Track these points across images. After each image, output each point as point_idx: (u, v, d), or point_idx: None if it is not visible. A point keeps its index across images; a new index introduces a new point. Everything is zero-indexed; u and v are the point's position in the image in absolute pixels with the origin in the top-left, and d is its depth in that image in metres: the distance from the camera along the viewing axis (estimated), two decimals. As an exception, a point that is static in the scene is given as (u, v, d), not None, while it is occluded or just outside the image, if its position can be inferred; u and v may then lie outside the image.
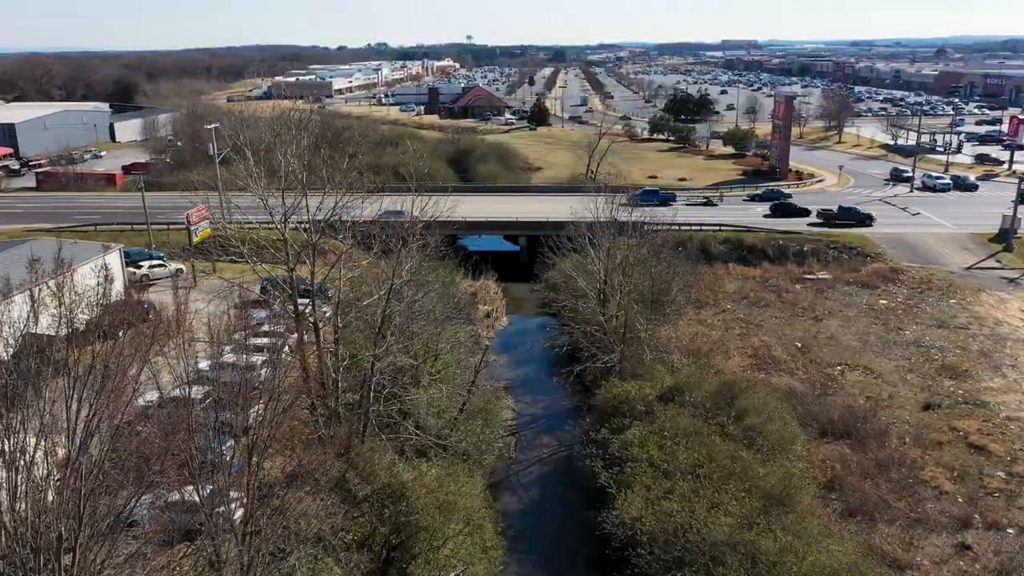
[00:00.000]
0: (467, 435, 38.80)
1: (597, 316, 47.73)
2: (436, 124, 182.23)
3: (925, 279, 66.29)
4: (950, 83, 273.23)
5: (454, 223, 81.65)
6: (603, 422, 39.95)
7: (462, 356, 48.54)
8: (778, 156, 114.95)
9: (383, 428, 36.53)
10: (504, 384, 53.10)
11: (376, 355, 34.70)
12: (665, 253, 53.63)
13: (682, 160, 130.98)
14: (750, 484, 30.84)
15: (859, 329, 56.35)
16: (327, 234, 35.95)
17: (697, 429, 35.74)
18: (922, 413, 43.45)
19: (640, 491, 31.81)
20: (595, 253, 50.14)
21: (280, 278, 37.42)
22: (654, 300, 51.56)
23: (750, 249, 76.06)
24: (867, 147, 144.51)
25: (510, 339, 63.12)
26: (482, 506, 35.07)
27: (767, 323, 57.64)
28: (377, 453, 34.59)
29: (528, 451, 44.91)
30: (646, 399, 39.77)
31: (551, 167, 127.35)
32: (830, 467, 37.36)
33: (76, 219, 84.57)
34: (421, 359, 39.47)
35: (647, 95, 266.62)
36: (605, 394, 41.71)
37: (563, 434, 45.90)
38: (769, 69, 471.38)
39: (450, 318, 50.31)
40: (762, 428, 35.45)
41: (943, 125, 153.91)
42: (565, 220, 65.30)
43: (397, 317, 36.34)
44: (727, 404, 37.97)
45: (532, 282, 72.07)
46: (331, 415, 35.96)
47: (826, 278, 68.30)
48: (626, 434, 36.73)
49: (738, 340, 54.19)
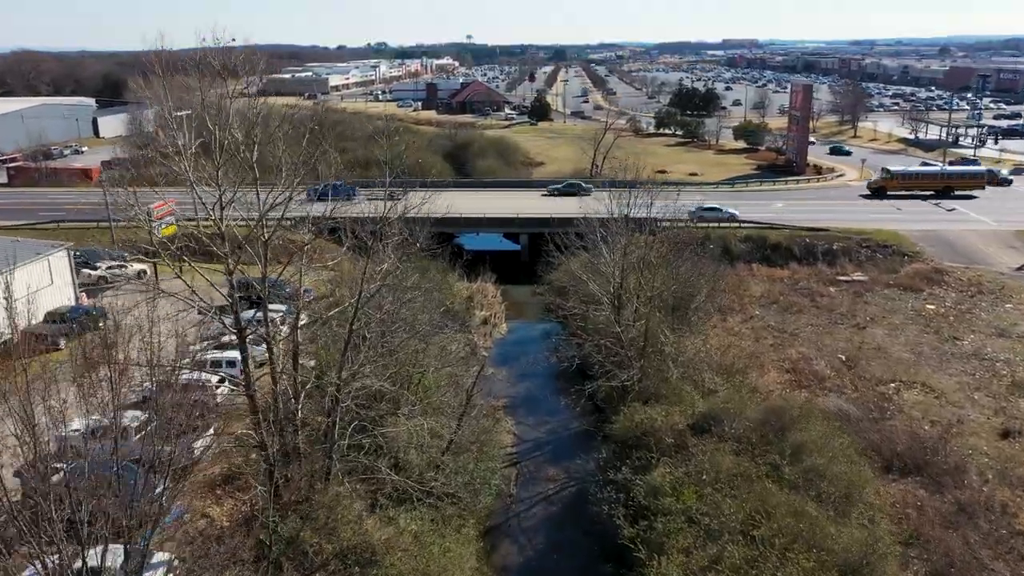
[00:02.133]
0: (457, 474, 31.83)
1: (612, 326, 40.71)
2: (433, 120, 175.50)
3: (973, 281, 59.30)
4: (962, 78, 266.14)
5: (449, 220, 75.74)
6: (623, 456, 32.96)
7: (455, 370, 41.66)
8: (795, 150, 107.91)
9: (351, 470, 29.55)
10: (503, 403, 46.16)
11: (342, 379, 27.76)
12: (689, 252, 46.47)
13: (691, 155, 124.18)
14: (821, 551, 23.77)
15: (909, 338, 49.34)
16: (285, 228, 29.00)
17: (744, 471, 28.67)
18: (1001, 442, 36.45)
19: (677, 558, 24.76)
20: (608, 252, 43.13)
21: (256, 279, 30.61)
22: (676, 306, 44.56)
23: (774, 248, 69.14)
24: (885, 141, 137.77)
25: (510, 349, 56.13)
26: (475, 568, 28.08)
27: (803, 332, 50.61)
28: (343, 502, 27.65)
29: (531, 486, 37.90)
30: (675, 428, 32.73)
31: (553, 162, 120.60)
32: (903, 514, 30.36)
33: (42, 216, 77.96)
34: (401, 382, 32.48)
35: (650, 91, 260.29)
36: (625, 421, 34.58)
37: (573, 465, 38.94)
38: (772, 66, 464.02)
39: (440, 328, 43.40)
40: (826, 470, 28.35)
41: (958, 120, 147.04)
42: (572, 216, 58.48)
43: (371, 330, 29.36)
44: (777, 437, 30.88)
45: (534, 284, 65.21)
46: (288, 453, 29.02)
47: (863, 280, 61.29)
48: (653, 475, 29.68)
49: (772, 352, 47.16)
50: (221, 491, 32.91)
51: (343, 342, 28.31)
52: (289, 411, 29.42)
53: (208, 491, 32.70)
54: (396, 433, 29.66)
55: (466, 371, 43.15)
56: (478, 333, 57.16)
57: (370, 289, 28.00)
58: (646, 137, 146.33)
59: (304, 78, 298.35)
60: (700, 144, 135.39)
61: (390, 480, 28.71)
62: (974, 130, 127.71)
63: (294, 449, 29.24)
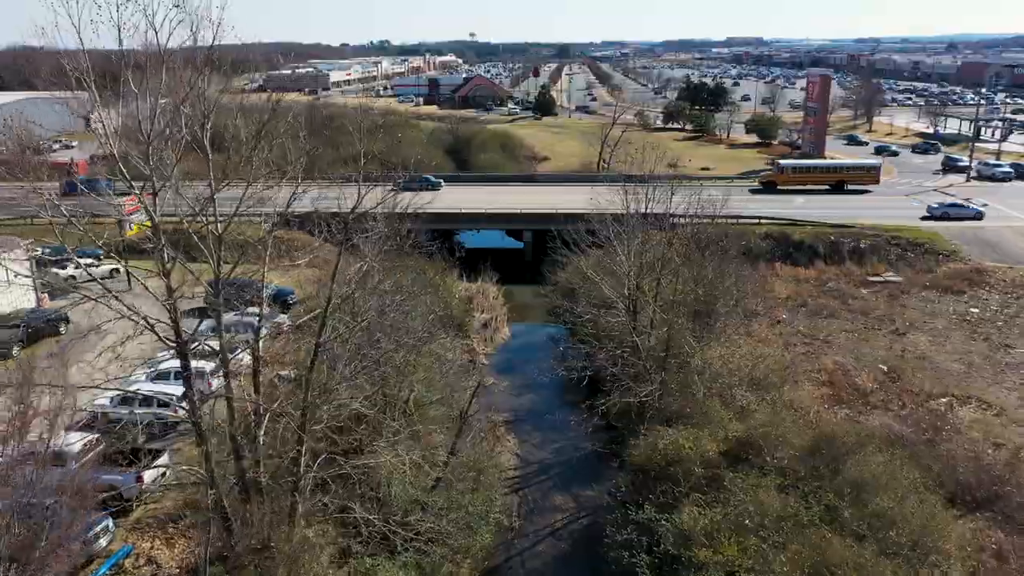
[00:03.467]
0: (450, 510, 27.07)
1: (629, 335, 35.85)
2: (435, 114, 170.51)
3: (1019, 282, 54.34)
4: (975, 74, 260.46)
5: (448, 215, 71.05)
6: (644, 488, 28.12)
7: (450, 381, 36.92)
8: (812, 143, 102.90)
9: (322, 509, 24.79)
10: (504, 418, 41.39)
11: (308, 403, 23.01)
12: (713, 250, 41.51)
13: (702, 149, 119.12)
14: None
15: (956, 346, 44.44)
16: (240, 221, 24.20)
17: (794, 514, 23.80)
18: (1080, 468, 31.59)
19: (719, 631, 20.02)
20: (623, 251, 38.30)
21: (239, 281, 26.01)
22: (698, 311, 39.71)
23: (797, 245, 64.26)
24: (902, 136, 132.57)
25: (512, 356, 51.32)
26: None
27: (837, 338, 45.72)
28: (310, 550, 22.90)
29: (537, 517, 33.09)
30: (706, 457, 27.86)
31: (559, 157, 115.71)
32: (978, 560, 25.49)
33: (13, 211, 73.39)
34: (385, 401, 27.68)
35: (657, 86, 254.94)
36: (646, 448, 29.66)
37: (584, 494, 34.16)
38: (779, 63, 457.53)
39: (434, 335, 38.61)
40: (894, 514, 23.41)
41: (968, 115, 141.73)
42: (579, 211, 53.65)
43: (351, 342, 24.53)
44: (831, 471, 25.99)
45: (538, 284, 60.42)
46: (247, 489, 24.30)
47: (897, 280, 56.35)
48: (683, 515, 24.80)
49: (804, 361, 42.29)
50: (174, 528, 28.23)
51: (311, 358, 23.51)
52: (250, 438, 24.69)
53: (159, 529, 28.03)
54: (376, 465, 24.84)
55: (464, 382, 38.49)
56: (478, 338, 52.45)
57: (341, 294, 23.25)
58: (655, 131, 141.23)
59: (304, 74, 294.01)
60: (711, 138, 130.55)
61: (366, 522, 23.90)
62: (997, 123, 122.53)
63: (254, 484, 24.50)
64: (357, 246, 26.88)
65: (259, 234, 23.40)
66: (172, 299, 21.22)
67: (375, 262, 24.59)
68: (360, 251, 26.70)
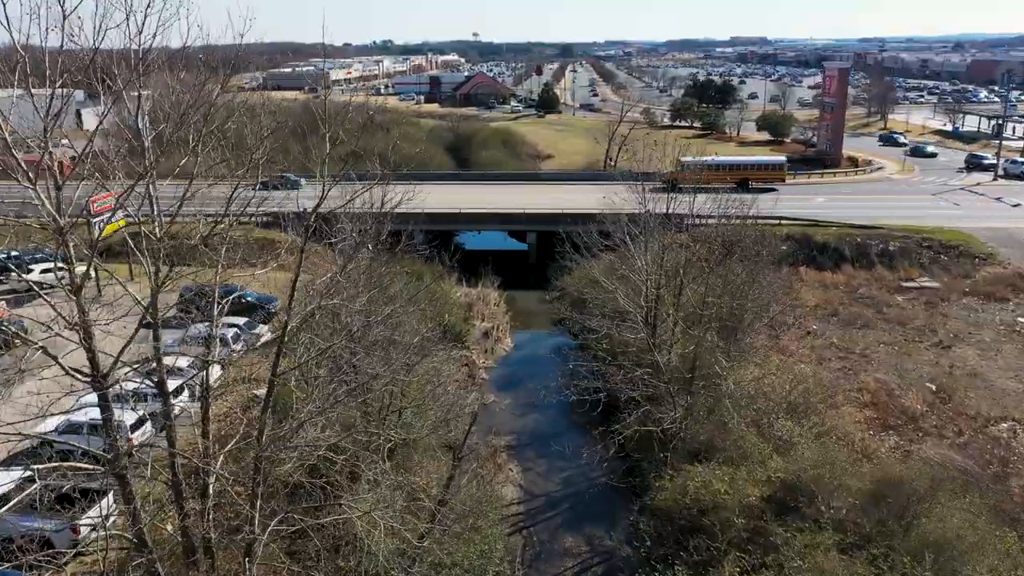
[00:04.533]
0: (442, 568, 22.66)
1: (647, 351, 31.40)
2: (436, 112, 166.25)
3: (1067, 289, 49.90)
4: (985, 72, 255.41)
5: (446, 216, 66.67)
6: (671, 541, 23.74)
7: (446, 398, 32.55)
8: (829, 140, 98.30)
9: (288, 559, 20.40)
10: (506, 442, 37.06)
11: (264, 444, 18.62)
12: (743, 255, 36.97)
13: (714, 147, 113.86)
14: None
15: (1008, 362, 40.00)
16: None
17: (861, 583, 19.38)
18: None
19: None
20: (640, 254, 33.91)
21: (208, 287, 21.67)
22: (724, 324, 35.23)
23: (821, 248, 59.79)
24: (919, 134, 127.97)
25: (515, 369, 46.88)
26: None
27: (875, 352, 41.29)
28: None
29: (544, 564, 28.63)
30: (745, 503, 23.48)
31: (563, 155, 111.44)
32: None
33: (-11, 212, 69.19)
34: (364, 438, 23.23)
35: (662, 85, 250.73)
36: (673, 491, 25.23)
37: (596, 535, 29.71)
38: (784, 62, 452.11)
39: (427, 350, 34.15)
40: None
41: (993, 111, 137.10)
42: (587, 211, 49.31)
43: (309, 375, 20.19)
44: (900, 525, 21.52)
45: (543, 289, 56.16)
46: (192, 549, 19.93)
47: (934, 287, 51.89)
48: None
49: (841, 378, 37.90)
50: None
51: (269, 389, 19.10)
52: (199, 486, 20.32)
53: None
54: (347, 519, 20.44)
55: (461, 401, 34.18)
56: (477, 349, 48.10)
57: (306, 311, 18.88)
58: (661, 129, 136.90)
59: (304, 72, 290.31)
60: (720, 136, 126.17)
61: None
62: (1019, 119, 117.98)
63: (203, 542, 20.13)
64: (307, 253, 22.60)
65: (203, 232, 18.97)
66: (83, 318, 16.90)
67: (346, 272, 20.22)
68: (337, 256, 22.45)
